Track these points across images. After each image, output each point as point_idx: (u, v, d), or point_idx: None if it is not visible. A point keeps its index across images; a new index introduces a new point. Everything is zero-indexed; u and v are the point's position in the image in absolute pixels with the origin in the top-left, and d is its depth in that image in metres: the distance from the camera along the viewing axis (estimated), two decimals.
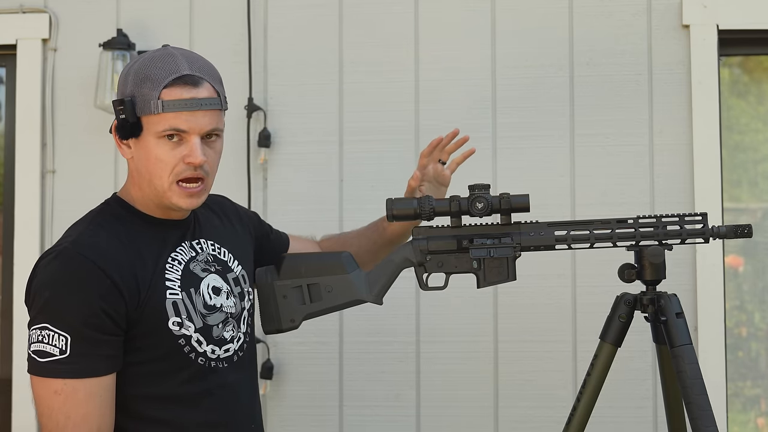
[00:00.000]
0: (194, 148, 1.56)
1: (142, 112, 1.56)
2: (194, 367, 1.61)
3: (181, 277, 1.63)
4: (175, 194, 1.59)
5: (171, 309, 1.59)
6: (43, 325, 1.50)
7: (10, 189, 2.71)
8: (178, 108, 1.55)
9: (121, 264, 1.55)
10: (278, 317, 1.82)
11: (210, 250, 1.72)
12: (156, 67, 1.57)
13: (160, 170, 1.57)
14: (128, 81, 1.59)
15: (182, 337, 1.60)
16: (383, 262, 1.86)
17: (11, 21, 2.69)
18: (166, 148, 1.57)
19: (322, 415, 2.57)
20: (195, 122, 1.57)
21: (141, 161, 1.59)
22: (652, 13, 2.56)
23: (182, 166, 1.57)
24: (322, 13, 2.65)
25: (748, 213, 2.72)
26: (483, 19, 2.60)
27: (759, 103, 2.75)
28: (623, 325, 1.87)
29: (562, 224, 1.83)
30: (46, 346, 1.50)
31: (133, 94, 1.57)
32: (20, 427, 2.61)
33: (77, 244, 1.55)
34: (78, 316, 1.50)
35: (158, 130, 1.56)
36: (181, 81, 1.56)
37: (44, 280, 1.53)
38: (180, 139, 1.57)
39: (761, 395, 2.68)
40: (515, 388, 2.53)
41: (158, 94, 1.55)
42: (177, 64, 1.57)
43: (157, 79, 1.56)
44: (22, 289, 2.62)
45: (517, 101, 2.58)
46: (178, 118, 1.55)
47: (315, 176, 2.62)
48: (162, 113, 1.55)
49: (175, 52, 1.60)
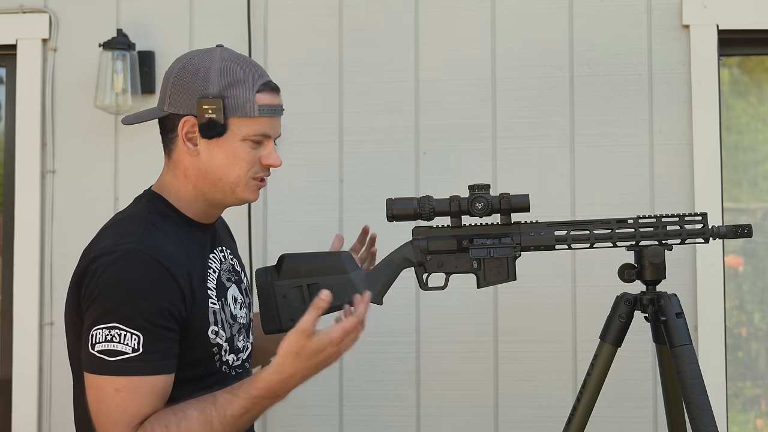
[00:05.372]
0: (274, 152, 1.65)
1: (234, 114, 1.60)
2: (219, 374, 1.64)
3: (216, 285, 1.66)
4: (248, 188, 1.65)
5: (212, 317, 1.62)
6: (113, 324, 1.50)
7: (10, 189, 2.71)
8: (270, 113, 1.62)
9: (181, 267, 1.57)
10: (278, 317, 1.82)
11: (229, 260, 1.76)
12: (242, 70, 1.62)
13: (238, 169, 1.62)
14: (209, 80, 1.60)
15: (216, 345, 1.63)
16: (383, 262, 1.86)
17: (11, 21, 2.69)
18: (248, 149, 1.62)
19: (322, 415, 2.57)
20: (276, 128, 1.66)
21: (215, 160, 1.62)
22: (652, 13, 2.56)
23: (258, 167, 1.64)
24: (322, 13, 2.65)
25: (748, 213, 2.72)
26: (483, 19, 2.60)
27: (759, 103, 2.75)
28: (623, 325, 1.87)
29: (562, 224, 1.84)
30: (117, 345, 1.49)
31: (222, 95, 1.59)
32: (20, 427, 2.61)
33: (144, 244, 1.55)
34: (149, 315, 1.51)
35: (249, 133, 1.61)
36: (268, 87, 1.63)
37: (111, 279, 1.52)
38: (260, 143, 1.63)
39: (761, 395, 2.68)
40: (515, 388, 2.53)
41: (254, 97, 1.60)
42: (259, 70, 1.64)
43: (248, 83, 1.60)
44: (22, 290, 2.65)
45: (517, 101, 2.58)
46: (269, 123, 1.63)
47: (315, 176, 2.62)
48: (257, 117, 1.60)
49: (246, 57, 1.66)
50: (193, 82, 1.61)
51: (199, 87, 1.60)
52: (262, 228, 2.61)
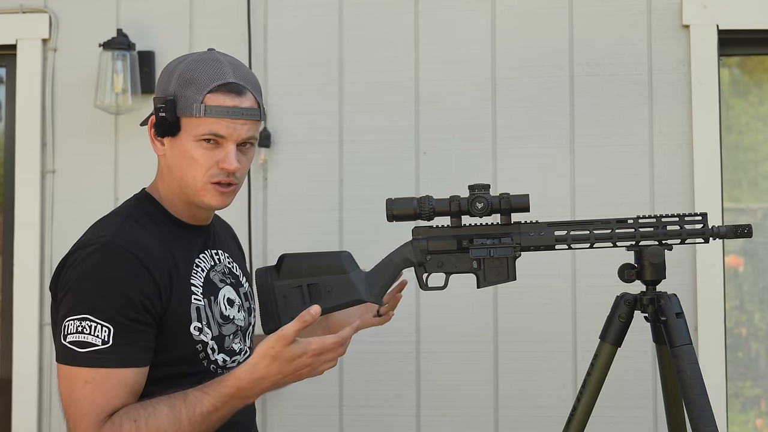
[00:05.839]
0: (230, 155, 1.60)
1: (183, 113, 1.59)
2: (206, 373, 1.63)
3: (204, 284, 1.65)
4: (208, 193, 1.62)
5: (194, 314, 1.61)
6: (84, 316, 1.51)
7: (10, 189, 2.71)
8: (220, 114, 1.59)
9: (159, 261, 1.57)
10: (278, 317, 1.82)
11: (226, 262, 1.75)
12: (202, 70, 1.60)
13: (194, 170, 1.61)
14: (171, 80, 1.61)
15: (200, 342, 1.62)
16: (383, 262, 1.86)
17: (11, 21, 2.69)
18: (202, 150, 1.60)
19: (322, 415, 2.57)
20: (234, 130, 1.60)
21: (174, 160, 1.62)
22: (652, 13, 2.56)
23: (216, 170, 1.61)
24: (322, 13, 2.65)
25: (748, 213, 2.72)
26: (483, 19, 2.60)
27: (759, 103, 2.75)
28: (623, 325, 1.87)
29: (562, 224, 1.83)
30: (87, 336, 1.50)
31: (175, 93, 1.59)
32: (20, 427, 2.61)
33: (120, 237, 1.56)
34: (121, 308, 1.51)
35: (197, 133, 1.59)
36: (225, 88, 1.60)
37: (85, 271, 1.53)
38: (216, 144, 1.60)
39: (761, 395, 2.68)
40: (515, 388, 2.53)
41: (202, 98, 1.58)
42: (223, 71, 1.61)
43: (202, 83, 1.59)
44: (22, 290, 2.66)
45: (517, 101, 2.58)
46: (219, 124, 1.59)
47: (315, 176, 2.62)
48: (203, 117, 1.58)
49: (222, 59, 1.63)
50: (160, 83, 1.65)
51: (163, 87, 1.63)
52: (262, 228, 2.61)
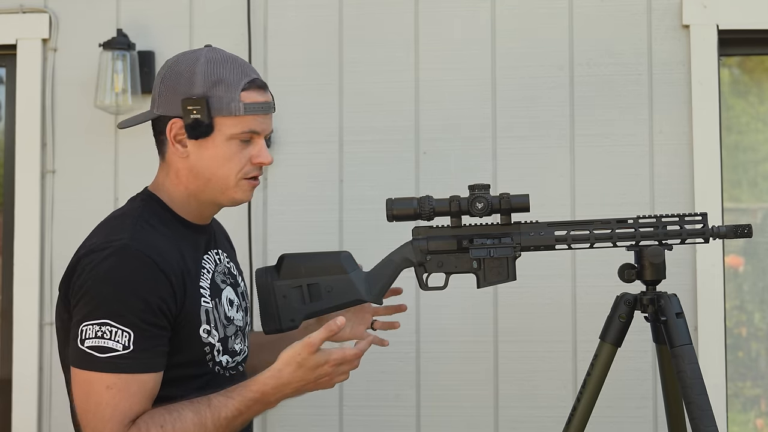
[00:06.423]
0: (264, 150, 1.64)
1: (219, 113, 1.60)
2: (211, 374, 1.64)
3: (210, 285, 1.66)
4: (240, 189, 1.64)
5: (204, 316, 1.62)
6: (103, 320, 1.50)
7: (10, 189, 2.71)
8: (257, 111, 1.61)
9: (173, 265, 1.57)
10: (278, 317, 1.82)
11: (225, 262, 1.76)
12: (227, 69, 1.61)
13: (227, 169, 1.62)
14: (195, 82, 1.60)
15: (208, 344, 1.62)
16: (383, 262, 1.86)
17: (11, 21, 2.69)
18: (235, 148, 1.62)
19: (322, 415, 2.57)
20: (266, 125, 1.65)
21: (203, 161, 1.62)
22: (652, 13, 2.56)
23: (250, 167, 1.64)
24: (322, 13, 2.64)
25: (748, 213, 2.72)
26: (483, 19, 2.60)
27: (759, 103, 2.75)
28: (623, 325, 1.87)
29: (562, 224, 1.83)
30: (108, 342, 1.49)
31: (206, 94, 1.59)
32: (20, 427, 2.61)
33: (137, 240, 1.55)
34: (140, 312, 1.51)
35: (234, 132, 1.61)
36: (255, 84, 1.63)
37: (102, 275, 1.52)
38: (249, 141, 1.63)
39: (761, 395, 2.68)
40: (515, 388, 2.53)
41: (238, 96, 1.60)
42: (245, 68, 1.63)
43: (233, 82, 1.60)
44: (22, 290, 2.65)
45: (517, 101, 2.58)
46: (255, 121, 1.62)
47: (315, 176, 2.62)
48: (242, 116, 1.60)
49: (234, 56, 1.65)
50: (178, 84, 1.62)
51: (185, 88, 1.61)
52: (262, 228, 2.61)
